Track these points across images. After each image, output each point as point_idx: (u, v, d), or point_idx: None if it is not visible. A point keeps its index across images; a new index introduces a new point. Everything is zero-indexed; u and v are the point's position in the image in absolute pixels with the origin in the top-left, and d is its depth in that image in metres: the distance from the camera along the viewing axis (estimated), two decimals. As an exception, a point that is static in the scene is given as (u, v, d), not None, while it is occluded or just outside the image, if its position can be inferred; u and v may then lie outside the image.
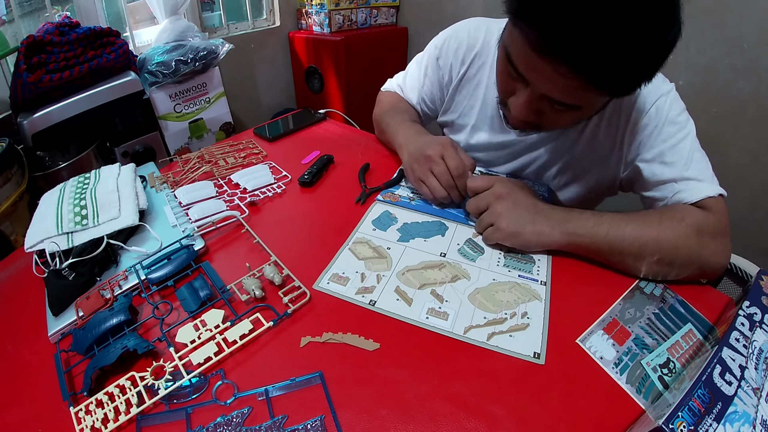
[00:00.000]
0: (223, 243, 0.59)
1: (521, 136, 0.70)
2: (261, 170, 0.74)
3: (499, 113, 0.71)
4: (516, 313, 0.48)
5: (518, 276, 0.53)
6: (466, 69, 0.74)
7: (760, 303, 0.46)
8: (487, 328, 0.47)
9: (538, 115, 0.54)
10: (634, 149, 0.62)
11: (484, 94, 0.73)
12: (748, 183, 1.39)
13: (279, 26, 2.08)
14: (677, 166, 0.58)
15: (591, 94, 0.47)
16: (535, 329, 0.47)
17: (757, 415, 0.35)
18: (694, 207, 0.56)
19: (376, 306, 0.49)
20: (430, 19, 2.06)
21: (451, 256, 0.56)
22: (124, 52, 1.30)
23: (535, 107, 0.53)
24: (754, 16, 1.23)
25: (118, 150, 1.34)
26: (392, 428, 0.37)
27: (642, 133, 0.60)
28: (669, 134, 0.58)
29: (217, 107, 1.62)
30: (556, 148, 0.69)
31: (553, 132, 0.68)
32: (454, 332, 0.46)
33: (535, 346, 0.45)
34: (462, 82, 0.75)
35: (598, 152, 0.66)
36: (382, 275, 0.53)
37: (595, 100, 0.52)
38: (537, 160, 0.72)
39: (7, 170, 1.00)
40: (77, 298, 0.50)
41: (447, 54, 0.75)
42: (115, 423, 0.38)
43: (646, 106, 0.59)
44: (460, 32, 0.74)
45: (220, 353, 0.43)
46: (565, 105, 0.50)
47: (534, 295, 0.51)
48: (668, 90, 0.60)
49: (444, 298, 0.50)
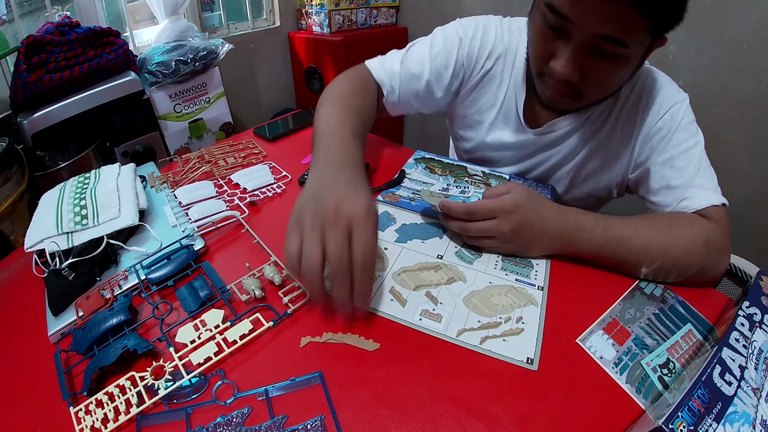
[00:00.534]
0: (223, 243, 0.59)
1: (538, 135, 0.70)
2: (261, 170, 0.74)
3: (518, 113, 0.71)
4: (511, 318, 0.48)
5: (515, 280, 0.53)
6: (492, 65, 0.71)
7: (760, 303, 0.46)
8: (480, 331, 0.46)
9: (581, 75, 0.53)
10: (646, 151, 0.63)
11: (506, 93, 0.71)
12: (748, 183, 1.39)
13: (279, 26, 2.08)
14: (686, 172, 0.59)
15: (634, 24, 0.47)
16: (529, 334, 0.46)
17: (757, 415, 0.35)
18: (701, 217, 0.56)
19: (369, 306, 0.49)
20: (430, 19, 2.06)
21: (448, 258, 0.56)
22: (124, 52, 1.30)
23: (579, 62, 0.52)
24: (754, 16, 1.23)
25: (118, 150, 1.34)
26: (392, 428, 0.37)
27: (655, 137, 0.61)
28: (680, 140, 0.60)
29: (217, 107, 1.62)
30: (571, 148, 0.69)
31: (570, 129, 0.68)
32: (446, 335, 0.46)
33: (528, 352, 0.44)
34: (486, 77, 0.72)
35: (610, 153, 0.67)
36: (377, 275, 0.53)
37: (638, 37, 0.50)
38: (549, 159, 0.72)
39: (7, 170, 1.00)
40: (77, 298, 0.49)
41: (473, 41, 0.71)
42: (115, 423, 0.38)
43: (661, 111, 0.61)
44: (489, 25, 0.71)
45: (220, 353, 0.43)
46: (613, 42, 0.49)
47: (530, 299, 0.50)
48: (683, 99, 0.62)
49: (438, 300, 0.50)
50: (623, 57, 0.52)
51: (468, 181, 0.70)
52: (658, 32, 0.50)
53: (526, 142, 0.72)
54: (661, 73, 0.64)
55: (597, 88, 0.58)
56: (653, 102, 0.62)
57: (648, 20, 0.47)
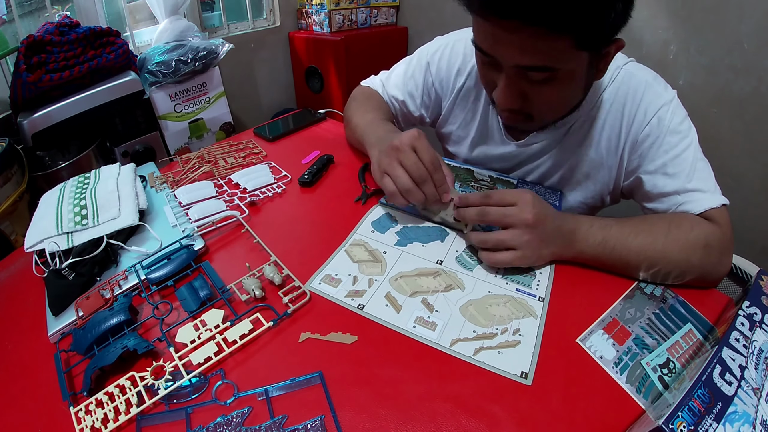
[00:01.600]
0: (223, 243, 0.59)
1: (521, 147, 0.69)
2: (261, 170, 0.74)
3: (499, 125, 0.71)
4: (508, 329, 0.47)
5: (515, 290, 0.52)
6: (463, 81, 0.73)
7: (760, 303, 0.46)
8: (474, 342, 0.45)
9: (522, 100, 0.53)
10: (635, 160, 0.61)
11: (483, 106, 0.72)
12: (747, 183, 1.39)
13: (279, 26, 2.08)
14: (680, 177, 0.57)
15: (554, 46, 0.45)
16: (526, 347, 0.45)
17: (757, 415, 0.35)
18: (701, 219, 0.55)
19: (364, 310, 0.48)
20: (430, 19, 2.06)
21: (448, 264, 0.55)
22: (124, 52, 1.30)
23: (515, 89, 0.52)
24: (754, 16, 1.22)
25: (118, 150, 1.34)
26: (392, 428, 0.37)
27: (643, 145, 0.59)
28: (671, 145, 0.58)
29: (217, 107, 1.62)
30: (556, 158, 0.68)
31: (552, 140, 0.67)
32: (440, 344, 0.45)
33: (523, 365, 0.43)
34: (461, 93, 0.74)
35: (598, 162, 0.65)
36: (374, 279, 0.52)
37: (565, 57, 0.47)
38: (536, 170, 0.71)
39: (7, 170, 1.00)
40: (77, 298, 0.50)
41: (440, 62, 0.74)
42: (115, 423, 0.38)
43: (647, 116, 0.58)
44: (456, 43, 0.73)
45: (219, 353, 0.43)
46: (537, 69, 0.48)
47: (529, 311, 0.49)
48: (670, 99, 0.59)
49: (434, 308, 0.49)
50: (559, 79, 0.49)
51: (474, 186, 0.70)
52: (591, 46, 0.47)
53: (511, 154, 0.71)
54: (645, 71, 0.61)
55: (545, 110, 0.57)
56: (637, 106, 0.59)
57: (568, 40, 0.44)
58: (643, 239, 0.52)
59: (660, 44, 1.42)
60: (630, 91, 0.60)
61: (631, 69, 0.61)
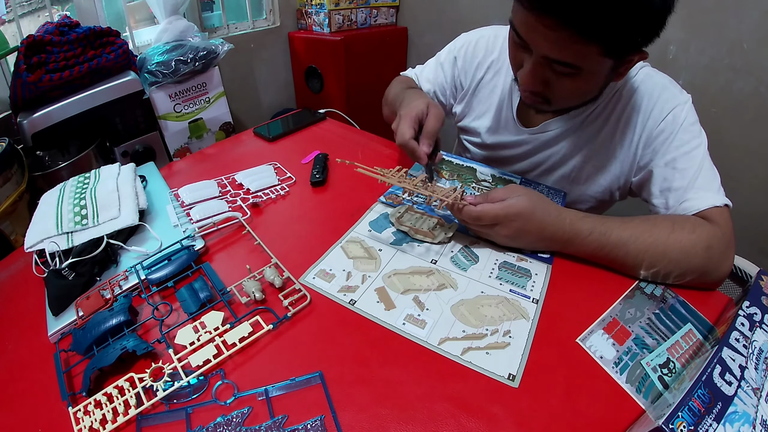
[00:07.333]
0: (224, 244, 0.59)
1: (534, 134, 0.72)
2: (265, 171, 0.74)
3: (513, 115, 0.74)
4: (498, 331, 0.46)
5: (509, 291, 0.51)
6: (483, 74, 0.78)
7: (760, 303, 0.46)
8: (463, 342, 0.45)
9: (544, 85, 0.56)
10: (648, 154, 0.63)
11: (499, 98, 0.76)
12: (747, 183, 1.39)
13: (279, 26, 2.08)
14: (688, 173, 0.59)
15: (584, 50, 0.49)
16: (515, 349, 0.44)
17: (757, 415, 0.35)
18: (703, 219, 0.56)
19: (356, 306, 0.49)
20: (430, 19, 2.06)
21: (442, 264, 0.55)
22: (124, 52, 1.29)
23: (540, 75, 0.55)
24: (754, 16, 1.22)
25: (118, 150, 1.34)
26: (392, 428, 0.37)
27: (657, 139, 0.62)
28: (683, 141, 0.60)
29: (217, 107, 1.61)
30: (569, 148, 0.70)
31: (566, 129, 0.69)
32: (428, 342, 0.45)
33: (511, 368, 0.43)
34: (479, 86, 0.79)
35: (610, 154, 0.67)
36: (368, 276, 0.53)
37: (591, 60, 0.51)
38: (548, 159, 0.73)
39: (7, 170, 1.00)
40: (77, 298, 0.49)
41: (465, 56, 0.80)
42: (114, 424, 0.38)
43: (663, 113, 0.61)
44: (480, 40, 0.79)
45: (219, 356, 0.43)
46: (563, 64, 0.51)
47: (522, 313, 0.49)
48: (685, 100, 0.62)
49: (425, 306, 0.49)
50: (581, 75, 0.53)
51: (475, 188, 0.69)
52: (617, 55, 0.51)
53: (523, 141, 0.74)
54: (663, 75, 0.65)
55: (562, 98, 0.60)
56: (655, 104, 0.62)
57: (597, 47, 0.48)
58: (643, 240, 0.52)
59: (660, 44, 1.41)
60: (648, 90, 0.63)
61: (649, 71, 0.65)
